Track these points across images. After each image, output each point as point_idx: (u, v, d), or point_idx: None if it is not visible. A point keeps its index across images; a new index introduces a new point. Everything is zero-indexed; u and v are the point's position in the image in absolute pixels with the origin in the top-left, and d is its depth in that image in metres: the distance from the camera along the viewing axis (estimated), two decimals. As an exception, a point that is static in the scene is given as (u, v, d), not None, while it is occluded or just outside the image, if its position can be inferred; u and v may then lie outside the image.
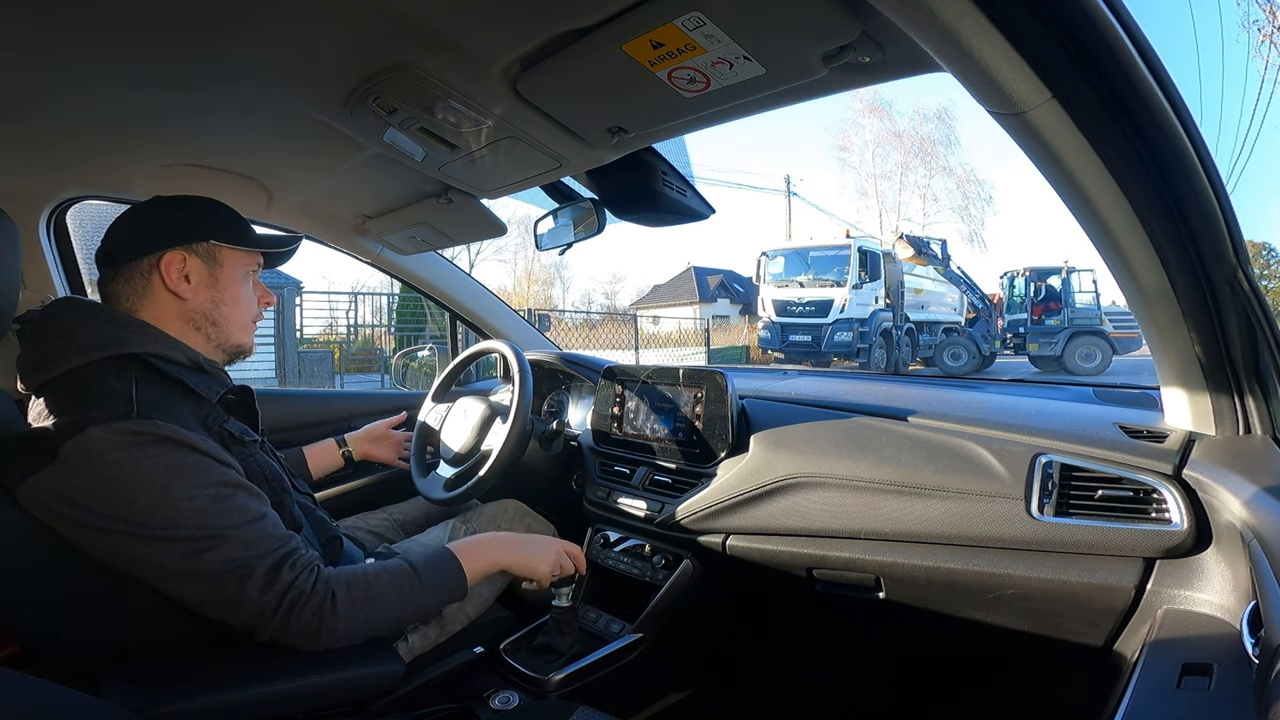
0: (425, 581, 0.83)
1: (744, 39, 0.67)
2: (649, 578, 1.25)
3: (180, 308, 0.85)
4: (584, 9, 0.68)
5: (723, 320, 20.86)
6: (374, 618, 0.78)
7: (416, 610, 0.84)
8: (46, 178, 1.21)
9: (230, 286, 0.89)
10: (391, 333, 11.63)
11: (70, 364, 0.73)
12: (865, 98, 23.74)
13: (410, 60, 0.79)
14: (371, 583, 0.78)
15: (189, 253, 0.85)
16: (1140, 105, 0.57)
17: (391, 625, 0.83)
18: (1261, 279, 12.12)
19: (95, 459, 0.67)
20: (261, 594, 0.70)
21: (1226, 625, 0.70)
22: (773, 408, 1.21)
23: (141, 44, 0.77)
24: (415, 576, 0.83)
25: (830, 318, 11.09)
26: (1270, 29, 12.16)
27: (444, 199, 1.29)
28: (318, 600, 0.73)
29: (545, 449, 1.37)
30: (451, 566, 0.88)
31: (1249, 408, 0.80)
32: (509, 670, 1.08)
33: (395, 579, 0.81)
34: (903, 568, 0.98)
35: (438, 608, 0.89)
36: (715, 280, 24.58)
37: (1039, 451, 0.89)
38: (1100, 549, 0.83)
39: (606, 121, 0.90)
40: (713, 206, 1.21)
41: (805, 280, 11.59)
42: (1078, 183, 0.64)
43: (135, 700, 0.64)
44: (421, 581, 0.83)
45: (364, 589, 0.77)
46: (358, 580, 0.78)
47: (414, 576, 0.82)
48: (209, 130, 1.04)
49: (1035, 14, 0.51)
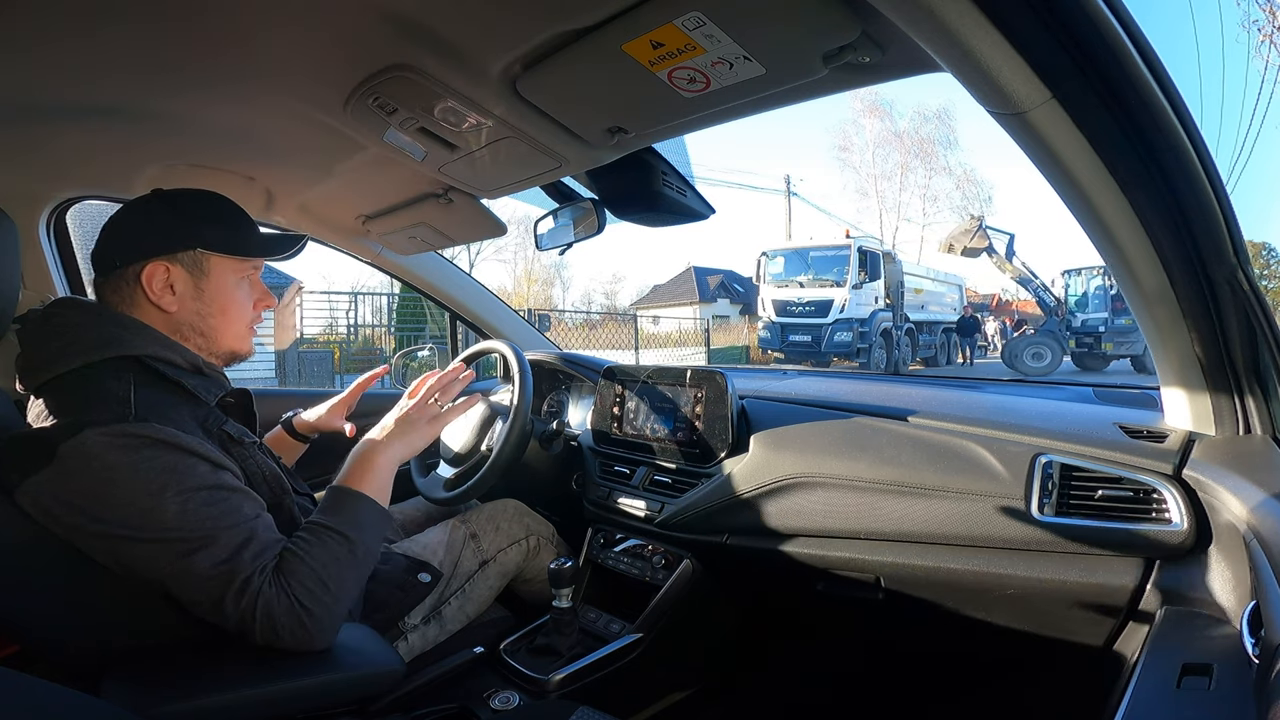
0: (349, 534, 0.77)
1: (744, 39, 0.67)
2: (649, 578, 1.25)
3: (165, 319, 0.81)
4: (584, 9, 0.68)
5: (723, 320, 20.85)
6: (340, 593, 0.74)
7: (366, 559, 0.79)
8: (46, 178, 1.21)
9: (218, 296, 0.84)
10: (391, 333, 11.62)
11: (69, 365, 0.73)
12: (865, 98, 23.82)
13: (410, 60, 0.79)
14: (317, 569, 0.73)
15: (172, 263, 0.81)
16: (1140, 105, 0.57)
17: (358, 586, 0.78)
18: (1261, 279, 12.11)
19: (93, 461, 0.67)
20: (235, 604, 0.68)
21: (1226, 625, 0.70)
22: (773, 408, 1.21)
23: (142, 44, 0.77)
24: (339, 535, 0.77)
25: (830, 318, 11.10)
26: (1270, 29, 12.18)
27: (444, 199, 1.29)
28: (285, 605, 0.70)
29: (545, 449, 1.37)
30: (355, 503, 0.81)
31: (1249, 408, 0.81)
32: (509, 670, 1.08)
33: (330, 551, 0.75)
34: (903, 568, 0.98)
35: (378, 545, 0.83)
36: (715, 280, 24.57)
37: (1039, 451, 0.89)
38: (1100, 549, 0.83)
39: (606, 121, 0.90)
40: (713, 206, 1.21)
41: (805, 280, 11.60)
42: (1078, 183, 0.64)
43: (135, 700, 0.64)
44: (346, 536, 0.77)
45: (314, 577, 0.73)
46: (306, 572, 0.73)
47: (339, 536, 0.77)
48: (209, 130, 1.04)
49: (1035, 14, 0.51)
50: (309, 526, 0.78)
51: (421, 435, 0.92)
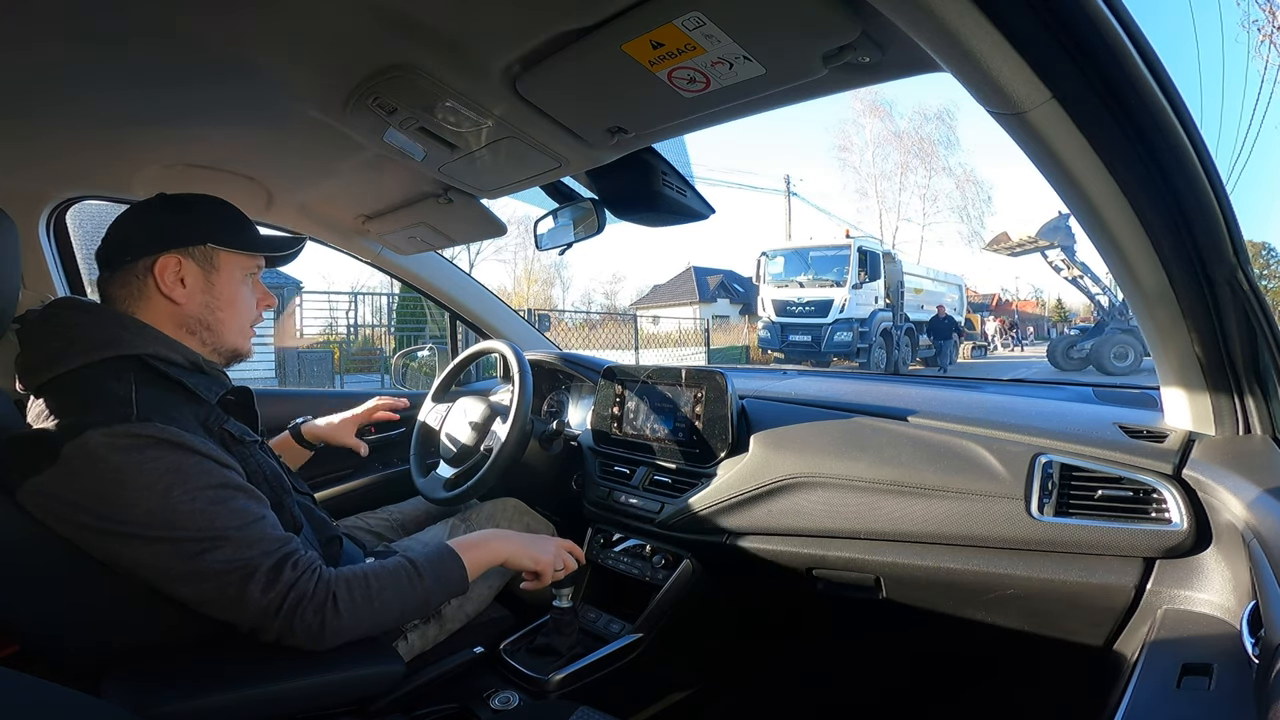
0: (425, 577, 0.83)
1: (744, 39, 0.67)
2: (649, 578, 1.25)
3: (174, 312, 0.83)
4: (584, 9, 0.68)
5: (723, 320, 20.86)
6: (376, 615, 0.78)
7: (418, 606, 0.84)
8: (46, 178, 1.21)
9: (226, 290, 0.87)
10: (391, 333, 11.63)
11: (69, 365, 0.73)
12: (865, 98, 23.85)
13: (410, 60, 0.79)
14: (372, 581, 0.78)
15: (184, 256, 0.83)
16: (1140, 105, 0.57)
17: (394, 621, 0.82)
18: (1261, 279, 12.06)
19: (98, 462, 0.67)
20: (264, 593, 0.70)
21: (1226, 625, 0.70)
22: (773, 408, 1.21)
23: (141, 44, 0.77)
24: (415, 572, 0.83)
25: (830, 318, 11.10)
26: (1270, 29, 12.19)
27: (444, 199, 1.29)
28: (319, 600, 0.73)
29: (545, 449, 1.37)
30: (451, 561, 0.88)
31: (1249, 408, 0.80)
32: (509, 670, 1.08)
33: (395, 576, 0.81)
34: (903, 568, 0.98)
35: (439, 603, 0.89)
36: (715, 280, 24.57)
37: (1039, 451, 0.89)
38: (1100, 549, 0.83)
39: (606, 121, 0.90)
40: (713, 206, 1.21)
41: (805, 280, 11.60)
42: (1078, 183, 0.64)
43: (135, 700, 0.64)
44: (421, 577, 0.83)
45: (365, 588, 0.77)
46: (358, 579, 0.78)
47: (414, 572, 0.82)
48: (209, 130, 1.04)
49: (1035, 14, 0.51)
50: (401, 554, 0.86)
51: (533, 554, 0.99)
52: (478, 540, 0.95)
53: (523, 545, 0.99)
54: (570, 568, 1.06)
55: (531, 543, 1.01)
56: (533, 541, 1.02)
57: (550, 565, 1.01)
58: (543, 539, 1.05)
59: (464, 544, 0.92)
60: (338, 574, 0.77)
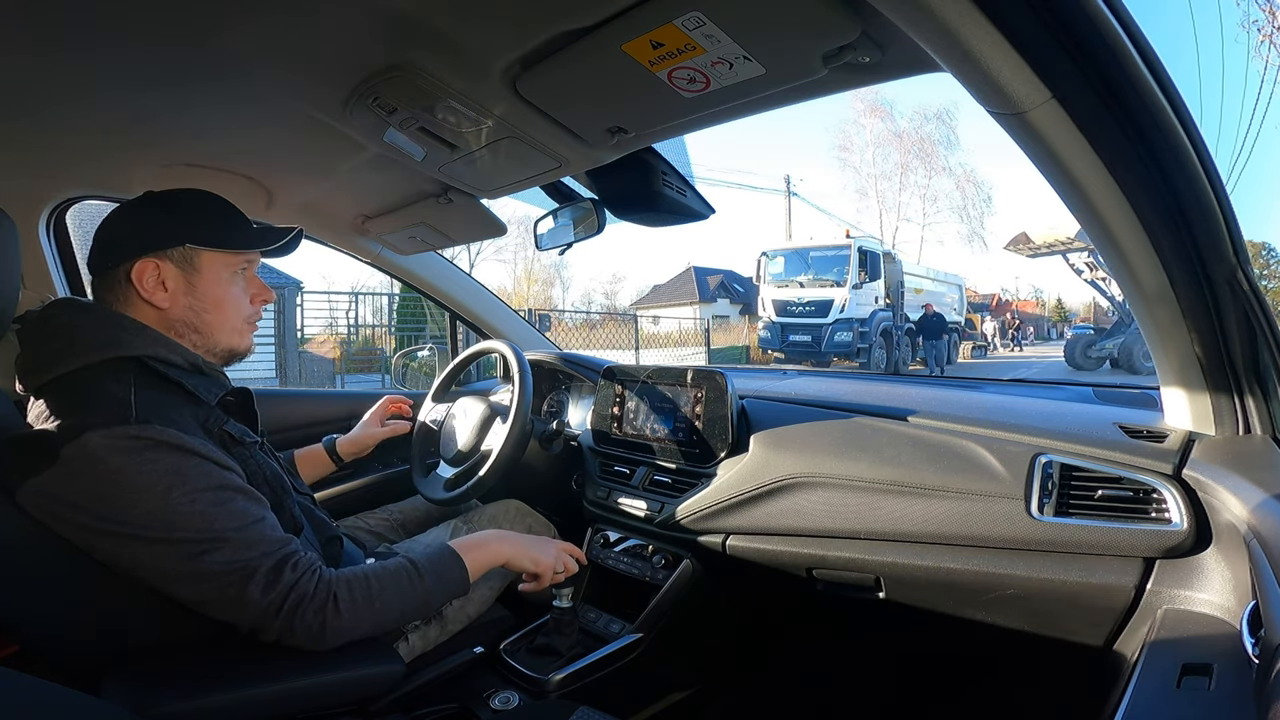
0: (427, 578, 0.83)
1: (744, 39, 0.67)
2: (649, 578, 1.25)
3: (160, 316, 0.81)
4: (584, 9, 0.68)
5: (723, 320, 20.85)
6: (377, 615, 0.78)
7: (418, 606, 0.84)
8: (46, 178, 1.21)
9: (211, 292, 0.84)
10: (391, 333, 11.62)
11: (69, 366, 0.73)
12: (865, 98, 23.86)
13: (410, 60, 0.79)
14: (373, 582, 0.78)
15: (162, 259, 0.80)
16: (1140, 105, 0.57)
17: (395, 622, 0.82)
18: (1261, 279, 12.03)
19: (98, 464, 0.67)
20: (264, 594, 0.70)
21: (1226, 625, 0.70)
22: (773, 408, 1.21)
23: (141, 44, 0.77)
24: (416, 572, 0.83)
25: (830, 318, 11.10)
26: (1270, 29, 12.18)
27: (444, 199, 1.29)
28: (320, 601, 0.73)
29: (545, 449, 1.37)
30: (452, 561, 0.88)
31: (1249, 408, 0.80)
32: (509, 670, 1.08)
33: (396, 577, 0.81)
34: (903, 568, 0.98)
35: (439, 603, 0.89)
36: (715, 280, 24.57)
37: (1039, 451, 0.89)
38: (1100, 549, 0.83)
39: (606, 121, 0.90)
40: (713, 206, 1.21)
41: (805, 280, 11.60)
42: (1078, 183, 0.64)
43: (135, 700, 0.64)
44: (423, 578, 0.83)
45: (365, 588, 0.77)
46: (359, 580, 0.78)
47: (415, 573, 0.82)
48: (209, 130, 1.04)
49: (1035, 14, 0.51)
50: (403, 555, 0.86)
51: (533, 555, 1.00)
52: (478, 541, 0.95)
53: (523, 546, 0.99)
54: (570, 570, 1.06)
55: (532, 544, 1.01)
56: (533, 543, 1.02)
57: (550, 568, 1.01)
58: (544, 541, 1.05)
59: (465, 545, 0.92)
60: (338, 574, 0.77)
